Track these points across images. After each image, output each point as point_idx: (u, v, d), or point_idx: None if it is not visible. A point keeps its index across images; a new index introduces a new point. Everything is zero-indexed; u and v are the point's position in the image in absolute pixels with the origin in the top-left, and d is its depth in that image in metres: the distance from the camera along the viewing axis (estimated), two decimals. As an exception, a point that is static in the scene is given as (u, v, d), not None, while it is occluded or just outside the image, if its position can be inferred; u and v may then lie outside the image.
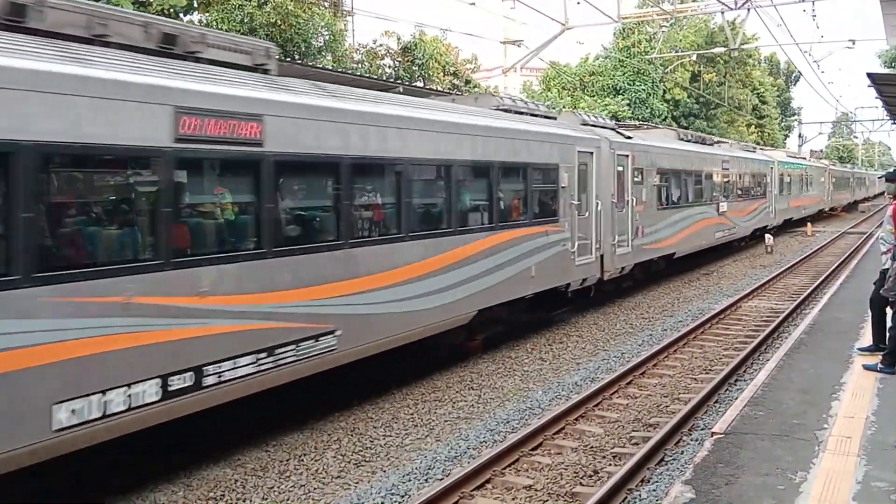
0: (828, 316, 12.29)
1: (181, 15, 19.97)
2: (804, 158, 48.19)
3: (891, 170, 10.65)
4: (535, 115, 14.29)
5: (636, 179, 17.83)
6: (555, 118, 15.56)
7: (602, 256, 15.66)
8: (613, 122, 20.92)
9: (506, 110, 13.45)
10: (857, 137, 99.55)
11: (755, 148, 36.63)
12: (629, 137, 17.98)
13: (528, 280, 12.71)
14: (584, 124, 16.44)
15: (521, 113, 13.92)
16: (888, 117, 41.54)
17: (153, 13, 18.37)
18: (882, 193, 44.02)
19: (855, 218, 55.00)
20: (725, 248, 27.22)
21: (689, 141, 24.62)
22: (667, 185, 20.32)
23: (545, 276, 13.29)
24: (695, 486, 5.52)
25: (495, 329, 13.56)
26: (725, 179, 26.17)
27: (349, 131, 8.92)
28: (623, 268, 17.02)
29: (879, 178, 12.14)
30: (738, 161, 28.12)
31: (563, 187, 13.88)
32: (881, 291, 8.66)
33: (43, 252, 5.95)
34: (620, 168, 16.87)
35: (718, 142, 29.49)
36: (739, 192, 27.75)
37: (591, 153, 15.24)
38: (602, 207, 15.63)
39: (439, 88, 24.12)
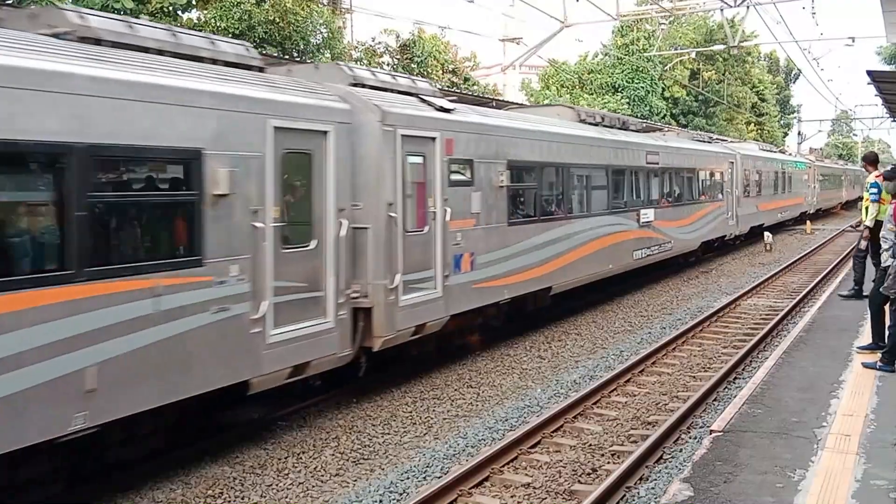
0: (827, 314, 12.29)
1: (179, 13, 19.93)
2: (784, 153, 42.43)
3: (888, 168, 10.67)
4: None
5: (459, 178, 11.19)
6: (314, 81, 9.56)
7: (359, 313, 9.33)
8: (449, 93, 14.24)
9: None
10: (856, 135, 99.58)
11: (711, 139, 30.21)
12: (445, 110, 11.12)
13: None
14: (357, 84, 10.12)
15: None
16: (888, 115, 41.52)
17: (153, 10, 18.34)
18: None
19: (855, 216, 54.92)
20: (725, 248, 26.96)
21: (598, 124, 17.27)
22: (533, 188, 13.69)
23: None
24: (693, 484, 5.51)
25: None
26: (654, 178, 19.35)
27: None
28: (423, 325, 10.24)
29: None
30: (673, 154, 20.80)
31: (217, 195, 7.31)
32: (881, 289, 8.65)
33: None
34: (416, 159, 10.25)
35: (651, 128, 23.50)
36: (677, 195, 21.09)
37: (325, 133, 8.76)
38: (350, 229, 9.00)
39: (439, 86, 24.07)
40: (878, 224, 12.28)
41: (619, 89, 40.82)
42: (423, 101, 10.95)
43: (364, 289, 9.29)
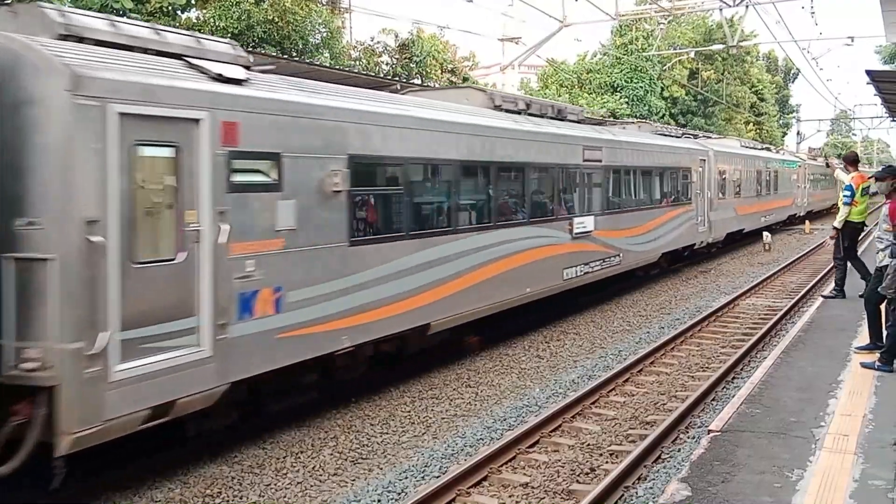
0: (825, 314, 12.29)
1: (179, 12, 19.92)
2: (769, 150, 38.20)
3: (880, 169, 10.70)
4: None
5: (252, 180, 7.78)
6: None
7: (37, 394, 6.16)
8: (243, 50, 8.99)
9: None
10: (855, 135, 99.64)
11: (684, 134, 26.05)
12: (228, 80, 7.58)
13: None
14: (71, 37, 6.87)
15: None
16: (887, 114, 41.55)
17: (151, 10, 18.32)
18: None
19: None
20: (725, 249, 26.90)
21: (520, 112, 13.71)
22: (397, 195, 10.03)
23: None
24: (691, 484, 5.51)
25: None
26: (595, 179, 15.92)
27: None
28: (169, 403, 6.88)
29: (869, 177, 12.27)
30: (622, 150, 17.30)
31: None
32: (879, 289, 8.65)
33: None
34: (160, 152, 7.02)
35: (598, 121, 20.53)
36: (629, 199, 17.90)
37: None
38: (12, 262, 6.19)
39: (436, 86, 24.07)
40: (847, 224, 12.58)
41: (618, 89, 40.83)
42: (192, 66, 7.51)
43: (44, 356, 6.09)
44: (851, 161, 13.58)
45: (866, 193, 12.82)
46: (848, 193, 12.71)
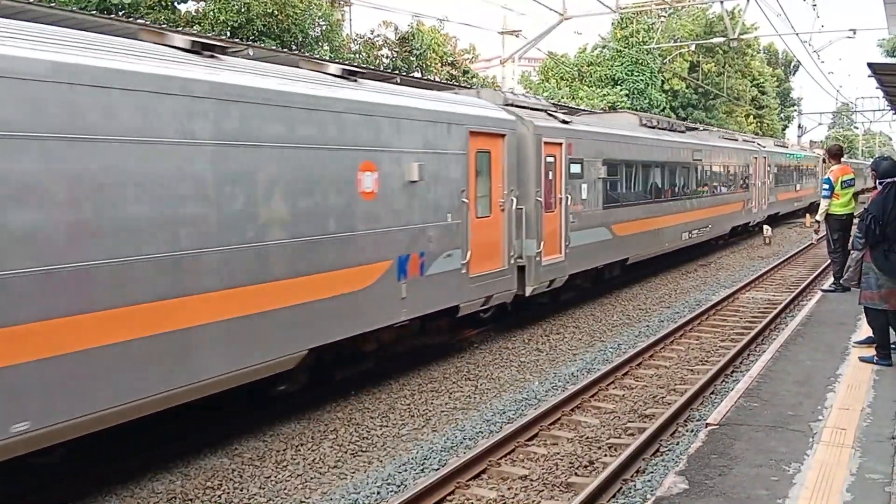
0: (825, 308, 12.30)
1: (177, 4, 19.87)
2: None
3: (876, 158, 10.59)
4: None
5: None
6: None
7: None
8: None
9: None
10: (857, 128, 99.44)
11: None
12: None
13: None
14: None
15: None
16: (889, 107, 41.50)
17: (151, 3, 18.29)
18: (870, 189, 23.12)
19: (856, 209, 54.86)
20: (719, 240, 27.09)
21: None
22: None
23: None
24: (688, 477, 5.54)
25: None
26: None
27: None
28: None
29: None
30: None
31: None
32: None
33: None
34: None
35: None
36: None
37: None
38: None
39: (437, 79, 24.03)
40: (830, 216, 12.67)
41: (619, 82, 40.79)
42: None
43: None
44: (835, 154, 13.58)
45: (848, 185, 12.84)
46: (826, 187, 12.77)
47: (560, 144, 13.99)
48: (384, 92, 9.91)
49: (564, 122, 14.45)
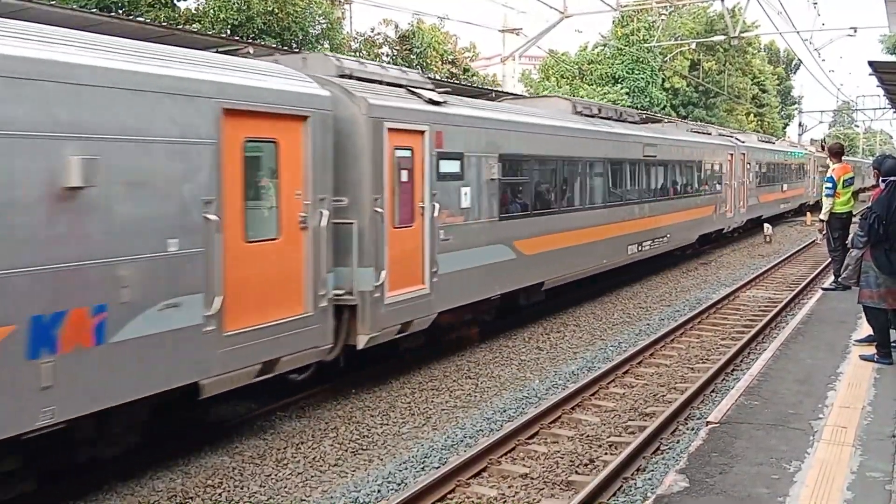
0: (825, 306, 12.29)
1: (176, 2, 19.85)
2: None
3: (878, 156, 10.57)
4: None
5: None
6: None
7: None
8: None
9: None
10: (858, 126, 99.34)
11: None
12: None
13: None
14: None
15: None
16: (889, 105, 41.47)
17: (151, 1, 18.27)
18: (871, 188, 24.21)
19: (857, 207, 54.82)
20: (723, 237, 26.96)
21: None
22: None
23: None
24: (689, 475, 5.53)
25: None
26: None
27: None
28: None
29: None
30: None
31: None
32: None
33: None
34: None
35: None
36: None
37: None
38: None
39: (438, 77, 24.01)
40: (832, 215, 12.60)
41: (619, 80, 40.74)
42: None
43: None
44: (836, 152, 13.55)
45: (849, 184, 12.83)
46: (830, 185, 12.72)
47: (421, 133, 10.27)
48: None
49: (432, 101, 10.66)
